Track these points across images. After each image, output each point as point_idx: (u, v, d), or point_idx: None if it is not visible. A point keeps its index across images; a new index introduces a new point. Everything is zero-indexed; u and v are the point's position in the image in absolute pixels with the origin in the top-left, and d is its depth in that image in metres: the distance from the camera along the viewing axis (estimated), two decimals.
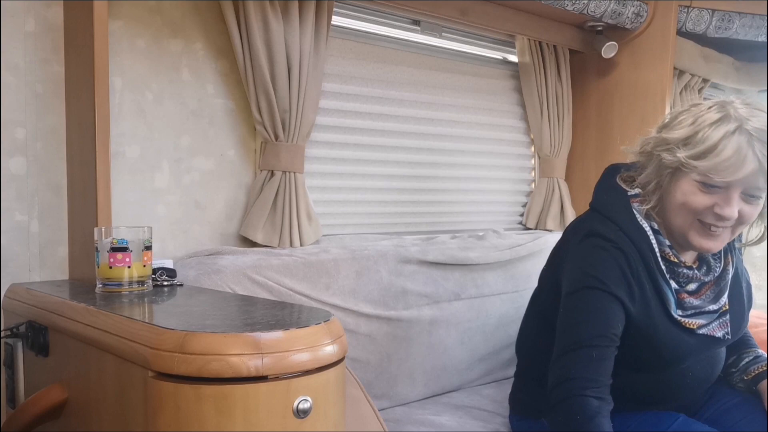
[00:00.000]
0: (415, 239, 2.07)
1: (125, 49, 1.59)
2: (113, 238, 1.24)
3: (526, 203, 2.56)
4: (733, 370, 1.56)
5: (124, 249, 1.24)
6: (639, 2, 2.28)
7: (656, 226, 1.38)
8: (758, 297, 2.91)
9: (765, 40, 2.45)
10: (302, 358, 0.84)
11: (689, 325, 1.37)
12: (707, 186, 1.30)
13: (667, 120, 1.39)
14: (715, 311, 1.42)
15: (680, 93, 2.59)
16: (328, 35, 1.82)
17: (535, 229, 2.49)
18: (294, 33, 1.71)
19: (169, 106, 1.67)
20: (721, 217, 1.30)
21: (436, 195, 2.29)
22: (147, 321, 0.94)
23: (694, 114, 1.32)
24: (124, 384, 0.93)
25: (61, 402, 1.13)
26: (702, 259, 1.45)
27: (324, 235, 1.92)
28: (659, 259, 1.37)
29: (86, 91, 1.39)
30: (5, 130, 1.45)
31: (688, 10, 2.34)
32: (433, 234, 2.23)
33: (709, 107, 1.32)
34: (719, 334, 1.41)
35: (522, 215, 2.56)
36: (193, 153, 1.71)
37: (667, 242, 1.39)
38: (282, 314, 1.03)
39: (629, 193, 1.42)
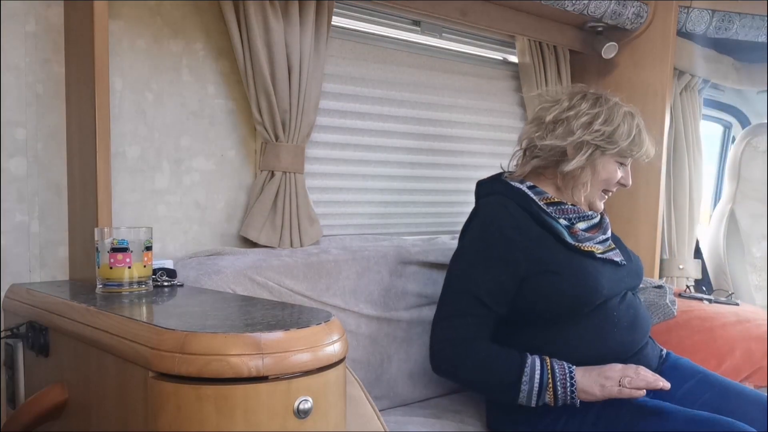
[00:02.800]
0: (416, 240, 2.07)
1: (126, 50, 1.59)
2: (113, 239, 1.24)
3: None
4: None
5: (124, 249, 1.24)
6: (639, 3, 2.28)
7: (530, 184, 1.63)
8: (759, 297, 2.91)
9: (765, 40, 2.45)
10: (303, 358, 0.84)
11: (587, 248, 1.56)
12: (620, 163, 1.62)
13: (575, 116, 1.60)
14: (606, 240, 1.63)
15: (680, 93, 2.59)
16: (328, 36, 1.82)
17: None
18: (294, 33, 1.71)
19: (169, 107, 1.67)
20: (623, 185, 1.66)
21: (437, 195, 2.29)
22: (147, 321, 0.94)
23: (604, 112, 1.59)
24: (124, 384, 0.93)
25: (62, 402, 1.13)
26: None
27: (324, 236, 1.92)
28: (540, 204, 1.59)
29: (87, 91, 1.39)
30: (5, 130, 1.45)
31: (688, 11, 2.34)
32: (434, 234, 2.23)
33: (609, 104, 1.60)
34: (617, 259, 1.60)
35: None
36: (193, 153, 1.71)
37: (547, 193, 1.62)
38: (282, 315, 1.03)
39: (503, 176, 1.70)
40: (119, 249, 1.24)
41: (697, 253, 2.89)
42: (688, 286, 2.58)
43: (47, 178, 1.50)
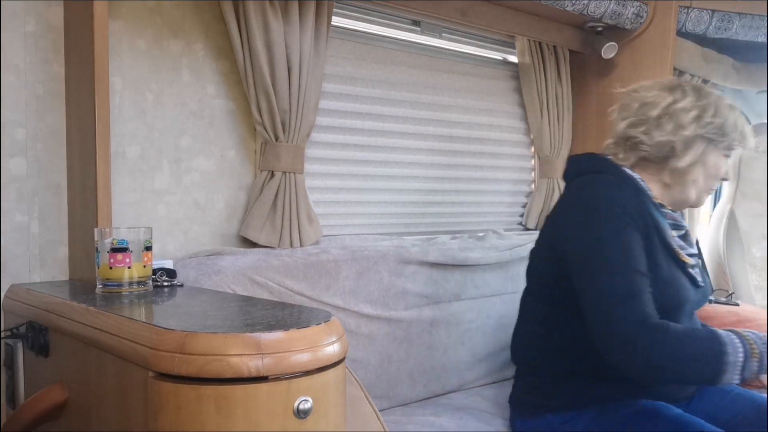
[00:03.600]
0: (416, 240, 2.07)
1: (125, 50, 1.59)
2: (113, 239, 1.24)
3: (526, 204, 2.56)
4: None
5: (124, 249, 1.24)
6: (639, 3, 2.28)
7: (638, 176, 1.52)
8: (759, 297, 2.91)
9: (765, 40, 2.45)
10: (302, 358, 0.84)
11: (683, 257, 1.48)
12: (726, 156, 1.54)
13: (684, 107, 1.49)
14: (694, 255, 1.55)
15: None
16: (328, 36, 1.82)
17: (536, 229, 2.49)
18: (294, 33, 1.71)
19: (169, 107, 1.67)
20: (725, 179, 1.57)
21: (437, 195, 2.29)
22: (147, 321, 0.94)
23: (711, 104, 1.50)
24: (124, 384, 0.93)
25: (62, 402, 1.13)
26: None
27: (324, 236, 1.92)
28: (652, 196, 1.50)
29: (86, 91, 1.39)
30: (5, 130, 1.45)
31: (688, 11, 2.34)
32: (434, 234, 2.23)
33: (713, 96, 1.51)
34: (699, 278, 1.52)
35: (522, 216, 2.56)
36: (193, 153, 1.71)
37: (651, 191, 1.51)
38: (282, 315, 1.03)
39: (607, 156, 1.57)
40: (119, 249, 1.24)
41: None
42: None
43: (47, 178, 1.50)
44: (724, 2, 2.35)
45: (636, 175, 1.51)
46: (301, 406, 0.83)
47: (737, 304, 2.28)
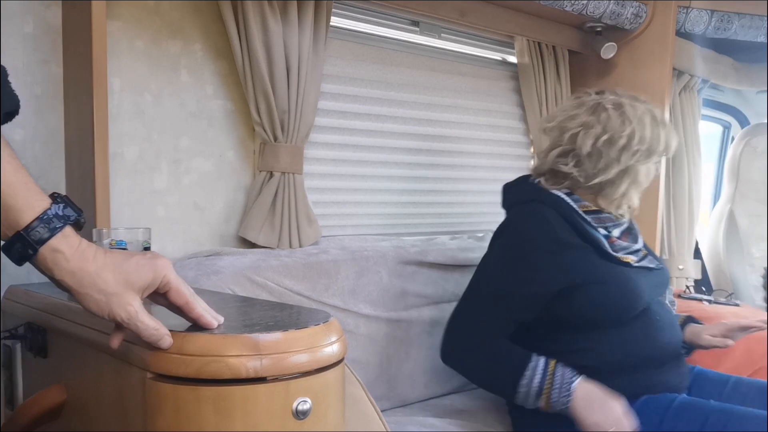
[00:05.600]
0: (415, 240, 2.07)
1: (124, 50, 1.58)
2: (112, 239, 1.24)
3: None
4: None
5: (122, 250, 1.24)
6: (638, 3, 2.28)
7: (567, 190, 1.62)
8: (758, 297, 2.91)
9: (764, 40, 2.45)
10: (301, 359, 0.84)
11: (625, 259, 1.58)
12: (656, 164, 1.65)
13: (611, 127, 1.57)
14: (638, 250, 1.64)
15: (679, 93, 2.59)
16: (327, 36, 1.82)
17: None
18: (293, 34, 1.71)
19: (167, 107, 1.66)
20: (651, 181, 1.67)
21: (436, 196, 2.29)
22: None
23: (634, 117, 1.57)
24: (122, 385, 0.93)
25: (60, 403, 1.13)
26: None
27: (323, 236, 1.92)
28: (580, 213, 1.59)
29: (85, 92, 1.39)
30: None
31: (687, 11, 2.34)
32: (433, 235, 2.23)
33: (634, 118, 1.57)
34: (652, 265, 1.63)
35: None
36: (192, 154, 1.71)
37: (581, 198, 1.61)
38: (281, 315, 1.03)
39: (532, 180, 1.68)
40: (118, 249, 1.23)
41: (697, 254, 2.89)
42: (687, 287, 2.58)
43: (45, 179, 1.50)
44: (724, 2, 2.35)
45: (564, 196, 1.60)
46: (300, 407, 0.83)
47: (737, 305, 2.28)
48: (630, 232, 1.69)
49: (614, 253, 1.57)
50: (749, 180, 3.06)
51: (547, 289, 1.52)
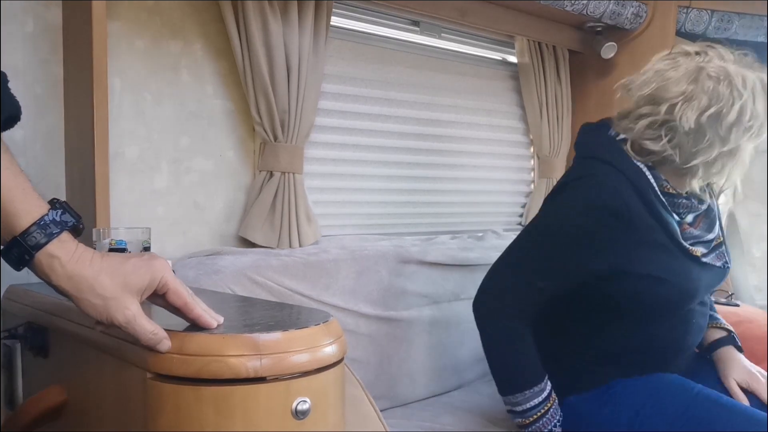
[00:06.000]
0: (415, 240, 2.07)
1: (124, 50, 1.58)
2: (112, 239, 1.24)
3: (526, 204, 2.56)
4: None
5: (122, 250, 1.24)
6: (638, 3, 2.28)
7: (650, 164, 1.42)
8: (759, 297, 2.91)
9: (765, 40, 2.45)
10: (301, 359, 0.84)
11: (694, 252, 1.43)
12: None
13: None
14: (711, 240, 1.50)
15: None
16: (327, 36, 1.82)
17: None
18: (293, 34, 1.71)
19: (168, 107, 1.66)
20: None
21: (436, 196, 2.29)
22: None
23: (744, 88, 1.34)
24: (123, 385, 0.93)
25: (61, 403, 1.13)
26: (693, 194, 1.47)
27: (323, 236, 1.92)
28: (659, 193, 1.41)
29: (85, 92, 1.39)
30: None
31: (687, 11, 2.34)
32: (433, 234, 2.23)
33: (741, 77, 1.34)
34: (719, 263, 1.49)
35: (521, 216, 2.56)
36: (192, 154, 1.71)
37: (663, 176, 1.42)
38: (281, 315, 1.03)
39: (619, 137, 1.46)
40: (117, 249, 1.23)
41: None
42: None
43: (46, 179, 1.50)
44: (724, 2, 2.35)
45: (646, 170, 1.41)
46: (300, 407, 0.83)
47: (737, 305, 2.27)
48: (707, 217, 1.52)
49: (683, 242, 1.42)
50: (750, 180, 3.05)
51: (588, 270, 1.39)
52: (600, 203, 1.36)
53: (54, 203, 0.78)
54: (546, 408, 1.43)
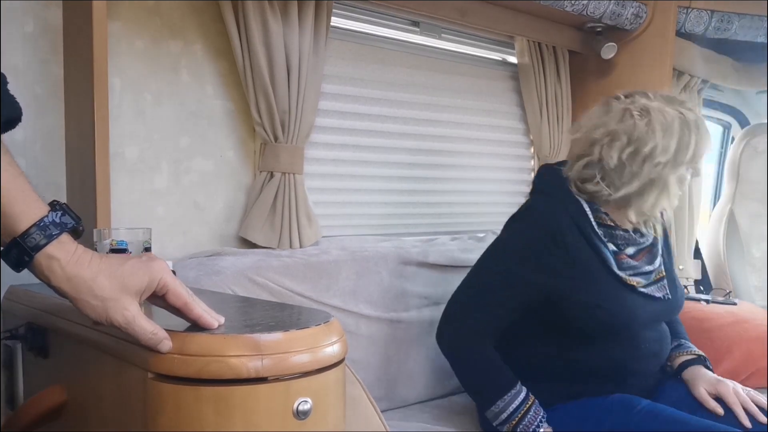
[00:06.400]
0: (416, 241, 2.07)
1: (124, 50, 1.58)
2: (112, 240, 1.24)
3: None
4: None
5: (123, 250, 1.23)
6: (638, 3, 2.28)
7: (588, 198, 1.55)
8: (759, 297, 2.91)
9: (764, 40, 2.45)
10: (302, 359, 0.84)
11: (630, 281, 1.52)
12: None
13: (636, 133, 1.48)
14: (651, 272, 1.58)
15: (679, 94, 2.59)
16: (327, 36, 1.82)
17: None
18: (293, 34, 1.71)
19: (168, 107, 1.66)
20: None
21: (436, 196, 2.29)
22: None
23: (660, 124, 1.48)
24: (123, 386, 0.93)
25: (61, 403, 1.12)
26: (635, 229, 1.60)
27: (324, 237, 1.92)
28: (594, 224, 1.53)
29: (85, 92, 1.39)
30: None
31: (687, 11, 2.34)
32: (434, 235, 2.23)
33: (660, 113, 1.48)
34: (659, 294, 1.56)
35: None
36: (192, 154, 1.71)
37: (602, 210, 1.55)
38: (282, 315, 1.03)
39: (566, 172, 1.59)
40: (118, 250, 1.23)
41: (697, 254, 2.89)
42: (686, 287, 2.57)
43: (46, 179, 1.50)
44: (724, 2, 2.35)
45: (584, 203, 1.55)
46: (301, 407, 0.83)
47: (735, 304, 2.28)
48: (650, 252, 1.61)
49: (618, 272, 1.52)
50: (749, 180, 3.05)
51: (542, 291, 1.50)
52: (542, 227, 1.50)
53: (54, 205, 0.79)
54: (527, 406, 1.47)
